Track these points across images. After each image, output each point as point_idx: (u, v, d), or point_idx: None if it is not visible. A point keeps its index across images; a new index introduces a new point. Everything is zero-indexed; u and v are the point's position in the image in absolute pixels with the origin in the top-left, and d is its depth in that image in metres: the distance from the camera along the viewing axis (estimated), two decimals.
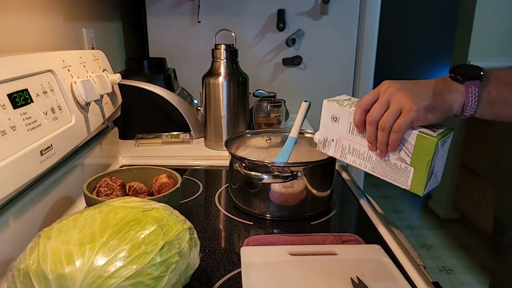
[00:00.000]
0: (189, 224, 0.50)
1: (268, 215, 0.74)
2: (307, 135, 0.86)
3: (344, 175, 0.96)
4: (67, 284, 0.38)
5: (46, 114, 0.61)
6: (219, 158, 1.04)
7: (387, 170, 0.60)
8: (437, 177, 0.59)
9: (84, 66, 0.77)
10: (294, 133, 0.80)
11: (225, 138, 1.08)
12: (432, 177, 0.57)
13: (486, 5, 2.15)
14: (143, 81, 1.15)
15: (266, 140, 0.89)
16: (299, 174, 0.70)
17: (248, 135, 0.88)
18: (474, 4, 2.16)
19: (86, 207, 0.55)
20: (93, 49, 1.12)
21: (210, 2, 1.47)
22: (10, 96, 0.53)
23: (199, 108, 1.30)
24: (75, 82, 0.70)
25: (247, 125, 1.14)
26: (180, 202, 0.71)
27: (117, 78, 0.83)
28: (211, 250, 0.64)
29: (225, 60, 1.06)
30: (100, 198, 0.62)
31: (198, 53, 1.52)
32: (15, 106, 0.54)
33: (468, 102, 0.54)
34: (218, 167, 1.01)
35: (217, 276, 0.57)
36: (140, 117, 1.17)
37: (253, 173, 0.70)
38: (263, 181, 0.70)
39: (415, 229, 2.48)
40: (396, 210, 2.73)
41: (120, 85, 0.92)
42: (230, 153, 0.76)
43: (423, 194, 0.57)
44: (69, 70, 0.70)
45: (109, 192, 0.66)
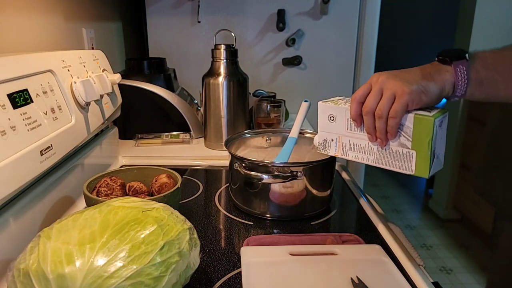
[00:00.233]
0: (189, 224, 0.50)
1: (268, 215, 0.74)
2: (307, 135, 0.86)
3: (344, 175, 0.96)
4: (67, 284, 0.38)
5: (46, 114, 0.61)
6: (219, 158, 1.04)
7: (390, 159, 0.60)
8: (439, 159, 0.59)
9: (84, 66, 0.77)
10: (294, 133, 0.80)
11: (225, 138, 1.08)
12: (435, 159, 0.58)
13: (486, 5, 2.15)
14: (143, 81, 1.15)
15: (266, 140, 0.89)
16: (299, 174, 0.70)
17: (248, 135, 0.88)
18: (474, 4, 2.16)
19: (86, 207, 0.55)
20: (93, 49, 1.12)
21: (210, 2, 1.47)
22: (10, 96, 0.53)
23: (199, 108, 1.30)
24: (75, 82, 0.70)
25: (247, 125, 1.14)
26: (180, 202, 0.71)
27: (117, 78, 0.83)
28: (211, 250, 0.64)
29: (225, 60, 1.06)
30: (100, 198, 0.62)
31: (198, 53, 1.52)
32: (15, 106, 0.54)
33: (458, 82, 0.55)
34: (218, 167, 1.01)
35: (217, 276, 0.57)
36: (140, 117, 1.17)
37: (253, 173, 0.70)
38: (263, 181, 0.70)
39: (415, 229, 2.48)
40: (396, 210, 2.73)
41: (120, 85, 0.92)
42: (230, 153, 0.76)
43: (429, 176, 0.57)
44: (69, 70, 0.70)
45: (109, 192, 0.66)
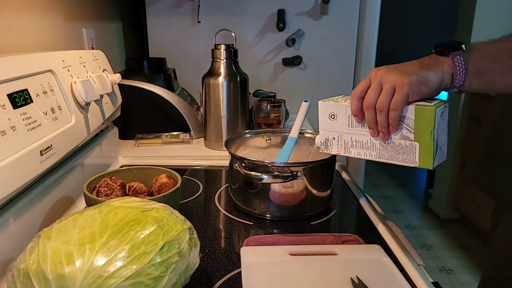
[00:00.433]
0: (189, 224, 0.50)
1: (268, 215, 0.74)
2: (307, 135, 0.86)
3: (344, 175, 0.96)
4: (67, 284, 0.38)
5: (46, 114, 0.61)
6: (219, 158, 1.04)
7: (393, 153, 0.60)
8: (442, 150, 0.59)
9: (84, 66, 0.77)
10: (294, 133, 0.80)
11: (225, 138, 1.08)
12: (438, 150, 0.58)
13: (486, 5, 2.15)
14: (143, 81, 1.15)
15: (266, 140, 0.89)
16: (299, 174, 0.70)
17: (248, 135, 0.88)
18: (474, 4, 2.16)
19: (86, 207, 0.55)
20: (93, 49, 1.12)
21: (210, 2, 1.47)
22: (10, 96, 0.53)
23: (199, 108, 1.30)
24: (75, 82, 0.70)
25: (247, 125, 1.14)
26: (180, 202, 0.71)
27: (117, 78, 0.83)
28: (211, 250, 0.64)
29: (225, 60, 1.06)
30: (100, 198, 0.62)
31: (198, 53, 1.52)
32: (15, 106, 0.54)
33: (456, 72, 0.56)
34: (218, 167, 1.01)
35: (217, 276, 0.57)
36: (140, 117, 1.17)
37: (253, 173, 0.70)
38: (263, 181, 0.70)
39: (415, 229, 2.47)
40: (396, 210, 2.73)
41: (120, 85, 0.92)
42: (230, 153, 0.76)
43: (433, 167, 0.57)
44: (69, 70, 0.70)
45: (109, 192, 0.66)
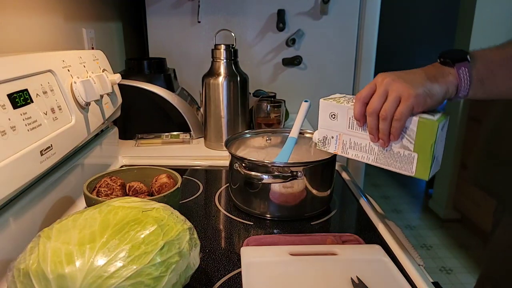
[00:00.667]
0: (189, 224, 0.50)
1: (268, 215, 0.74)
2: (307, 135, 0.86)
3: (344, 175, 0.96)
4: (67, 284, 0.38)
5: (46, 114, 0.61)
6: (219, 158, 1.04)
7: (391, 160, 0.60)
8: (438, 160, 0.60)
9: (84, 66, 0.77)
10: (294, 133, 0.80)
11: (225, 138, 1.08)
12: (434, 160, 0.58)
13: (486, 5, 2.15)
14: (143, 81, 1.15)
15: (266, 140, 0.89)
16: (299, 174, 0.70)
17: (248, 135, 0.88)
18: (474, 4, 2.16)
19: (86, 207, 0.55)
20: (93, 49, 1.12)
21: (210, 2, 1.47)
22: (10, 96, 0.53)
23: (199, 108, 1.30)
24: (75, 82, 0.70)
25: (247, 125, 1.14)
26: (180, 202, 0.71)
27: (117, 78, 0.83)
28: (211, 250, 0.64)
29: (225, 60, 1.06)
30: (100, 198, 0.62)
31: (198, 53, 1.52)
32: (15, 106, 0.54)
33: (461, 83, 0.56)
34: (218, 167, 1.01)
35: (217, 276, 0.57)
36: (140, 117, 1.17)
37: (253, 173, 0.70)
38: (263, 181, 0.70)
39: (415, 229, 2.47)
40: (396, 210, 2.73)
41: (120, 85, 0.92)
42: (230, 153, 0.76)
43: (428, 178, 0.58)
44: (69, 70, 0.70)
45: (109, 192, 0.66)
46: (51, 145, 0.60)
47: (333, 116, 0.64)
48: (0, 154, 0.49)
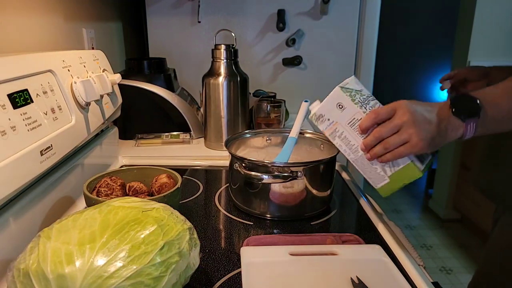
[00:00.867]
0: (189, 224, 0.50)
1: (268, 215, 0.74)
2: (307, 135, 0.86)
3: (344, 175, 0.96)
4: (67, 284, 0.38)
5: (46, 114, 0.61)
6: (219, 158, 1.04)
7: (366, 168, 0.65)
8: None
9: (84, 66, 0.77)
10: (294, 133, 0.80)
11: (225, 138, 1.08)
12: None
13: (486, 5, 2.15)
14: (143, 81, 1.15)
15: (266, 140, 0.89)
16: (299, 174, 0.70)
17: (248, 135, 0.88)
18: (474, 4, 2.16)
19: (86, 207, 0.55)
20: (93, 49, 1.12)
21: (210, 2, 1.47)
22: (10, 96, 0.53)
23: (199, 108, 1.30)
24: (75, 82, 0.70)
25: (247, 125, 1.14)
26: (180, 202, 0.71)
27: (117, 78, 0.83)
28: (211, 250, 0.64)
29: (225, 60, 1.06)
30: (100, 198, 0.62)
31: (198, 53, 1.52)
32: (15, 106, 0.54)
33: (466, 134, 0.59)
34: (218, 167, 1.01)
35: (217, 276, 0.57)
36: (140, 117, 1.17)
37: (253, 173, 0.70)
38: (263, 181, 0.70)
39: (415, 229, 2.47)
40: (396, 210, 2.73)
41: (120, 85, 0.92)
42: (230, 153, 0.76)
43: (385, 197, 0.65)
44: (69, 70, 0.70)
45: (109, 192, 0.66)
46: (51, 145, 0.60)
47: (340, 106, 0.64)
48: (0, 154, 0.49)
